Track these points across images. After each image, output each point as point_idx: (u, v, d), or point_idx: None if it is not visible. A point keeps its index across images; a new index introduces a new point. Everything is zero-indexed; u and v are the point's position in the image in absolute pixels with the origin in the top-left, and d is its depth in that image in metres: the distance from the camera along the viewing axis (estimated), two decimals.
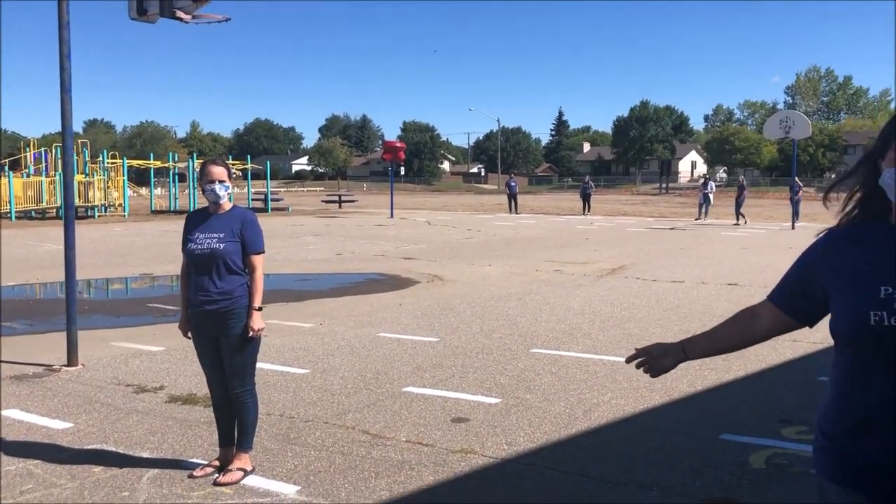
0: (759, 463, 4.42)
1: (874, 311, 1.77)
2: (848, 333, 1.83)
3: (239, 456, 4.26)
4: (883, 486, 1.82)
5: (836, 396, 1.93)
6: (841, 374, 1.91)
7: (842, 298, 1.85)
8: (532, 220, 29.61)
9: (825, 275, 1.92)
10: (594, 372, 6.57)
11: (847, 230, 1.94)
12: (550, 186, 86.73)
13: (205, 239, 4.21)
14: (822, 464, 1.96)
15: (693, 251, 17.28)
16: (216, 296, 4.17)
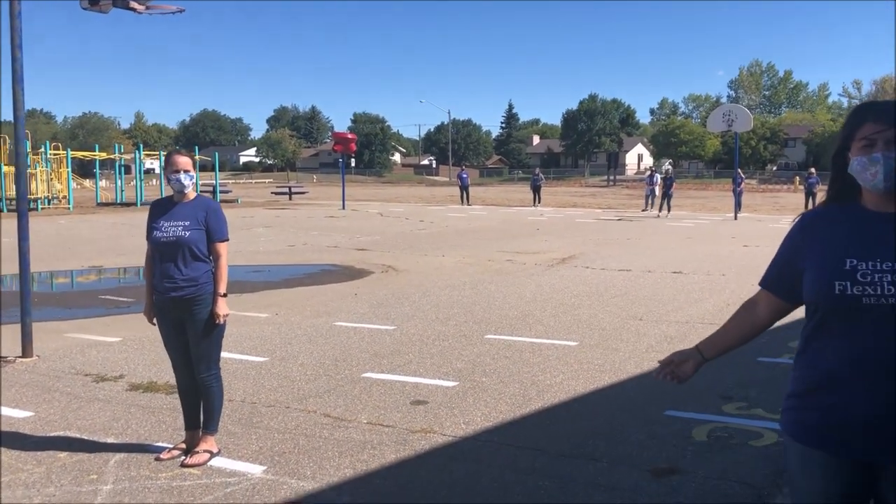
0: (701, 436, 4.70)
1: (838, 281, 1.99)
2: (816, 301, 2.06)
3: (205, 438, 4.37)
4: (845, 445, 2.03)
5: (802, 362, 2.15)
6: (806, 340, 2.13)
7: (813, 270, 2.07)
8: (484, 212, 29.92)
9: (804, 245, 2.14)
10: (547, 356, 6.81)
11: (822, 211, 2.18)
12: (501, 178, 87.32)
13: (170, 227, 4.29)
14: (788, 422, 2.17)
15: (640, 241, 17.74)
16: (182, 282, 4.25)
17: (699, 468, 4.19)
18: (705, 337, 2.42)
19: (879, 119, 2.01)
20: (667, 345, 7.19)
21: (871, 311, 1.95)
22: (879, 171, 1.99)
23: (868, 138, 2.01)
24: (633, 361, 6.57)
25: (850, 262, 1.99)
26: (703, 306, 9.23)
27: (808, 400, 2.09)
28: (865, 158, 2.01)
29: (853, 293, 1.96)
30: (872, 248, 1.99)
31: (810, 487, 2.12)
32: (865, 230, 2.04)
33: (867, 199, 2.09)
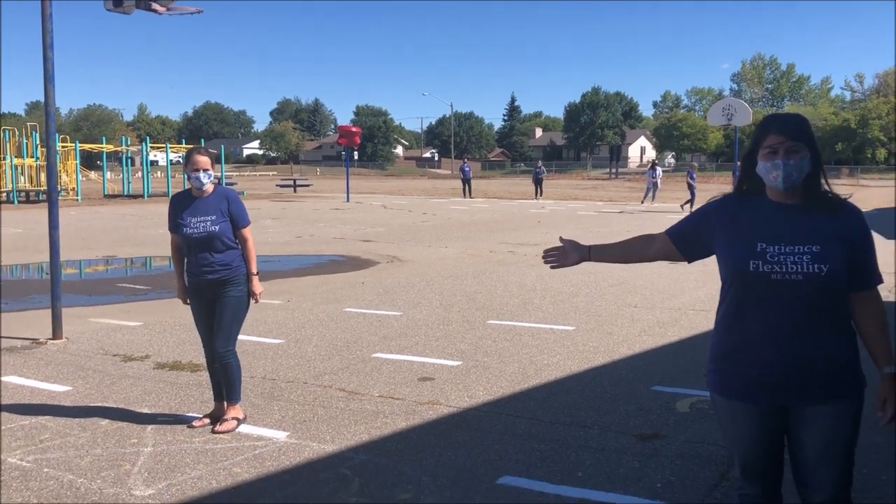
0: (684, 407, 5.15)
1: (752, 260, 2.48)
2: (733, 277, 2.54)
3: (231, 407, 4.81)
4: (764, 395, 2.52)
5: (722, 329, 2.63)
6: (725, 311, 2.61)
7: (729, 249, 2.55)
8: (486, 205, 30.34)
9: (717, 223, 2.63)
10: (545, 339, 7.25)
11: (737, 198, 2.66)
12: (503, 171, 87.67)
13: (199, 223, 4.68)
14: (713, 383, 2.66)
15: (640, 233, 18.10)
16: (218, 266, 4.70)
17: (680, 434, 4.64)
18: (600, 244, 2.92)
19: (781, 131, 2.49)
20: (659, 329, 7.64)
21: (779, 286, 2.43)
22: (780, 175, 2.47)
23: (772, 147, 2.48)
24: (626, 344, 7.01)
25: (761, 245, 2.47)
26: (695, 294, 9.67)
27: (731, 361, 2.56)
28: (769, 163, 2.49)
29: (764, 271, 2.44)
30: (778, 234, 2.47)
31: (739, 434, 2.60)
32: (771, 219, 2.52)
33: (770, 193, 2.57)
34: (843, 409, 2.49)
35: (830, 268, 2.42)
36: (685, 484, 3.93)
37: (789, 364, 2.46)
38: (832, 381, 2.48)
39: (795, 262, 2.42)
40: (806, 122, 2.58)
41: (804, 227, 2.48)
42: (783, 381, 2.48)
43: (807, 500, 2.59)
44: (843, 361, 2.49)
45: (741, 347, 2.54)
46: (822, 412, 2.48)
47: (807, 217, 2.51)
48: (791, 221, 2.50)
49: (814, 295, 2.43)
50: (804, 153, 2.48)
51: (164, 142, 56.01)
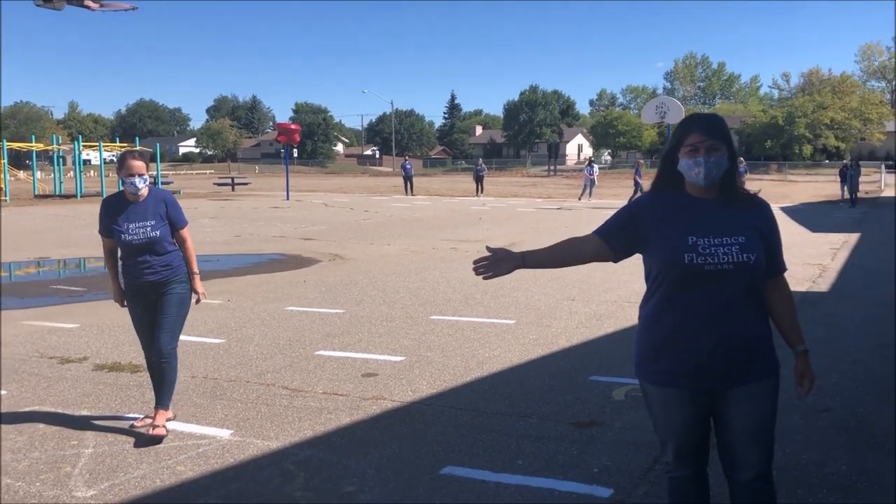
0: (619, 396, 5.34)
1: (686, 253, 2.60)
2: (668, 270, 2.66)
3: (161, 413, 4.62)
4: (695, 380, 2.67)
5: (652, 321, 2.75)
6: (656, 304, 2.73)
7: (662, 244, 2.67)
8: (428, 202, 30.44)
9: (646, 222, 2.73)
10: (487, 333, 7.38)
11: (662, 195, 2.78)
12: (445, 169, 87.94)
13: (138, 229, 4.60)
14: (645, 374, 2.79)
15: (576, 228, 18.49)
16: (159, 268, 4.64)
17: (616, 421, 4.82)
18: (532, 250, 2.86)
19: (702, 130, 2.63)
20: (595, 321, 7.85)
21: (710, 276, 2.58)
22: (701, 171, 2.62)
23: (693, 145, 2.62)
24: (565, 336, 7.20)
25: (692, 239, 2.60)
26: (630, 287, 9.93)
27: (664, 351, 2.69)
28: (691, 161, 2.63)
29: (698, 263, 2.58)
30: (706, 227, 2.62)
31: (671, 419, 2.75)
32: (697, 213, 2.66)
33: (691, 189, 2.72)
34: (766, 387, 2.67)
35: (756, 256, 2.60)
36: (621, 468, 4.09)
37: (720, 349, 2.61)
38: (756, 362, 2.66)
39: (726, 253, 2.57)
40: (724, 122, 2.74)
41: (727, 219, 2.64)
42: (714, 366, 2.63)
43: (735, 479, 2.75)
44: (764, 343, 2.67)
45: (674, 337, 2.67)
46: (748, 392, 2.65)
47: (727, 211, 2.67)
48: (715, 215, 2.65)
49: (742, 283, 2.60)
50: (723, 151, 2.64)
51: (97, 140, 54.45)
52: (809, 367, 2.73)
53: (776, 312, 2.75)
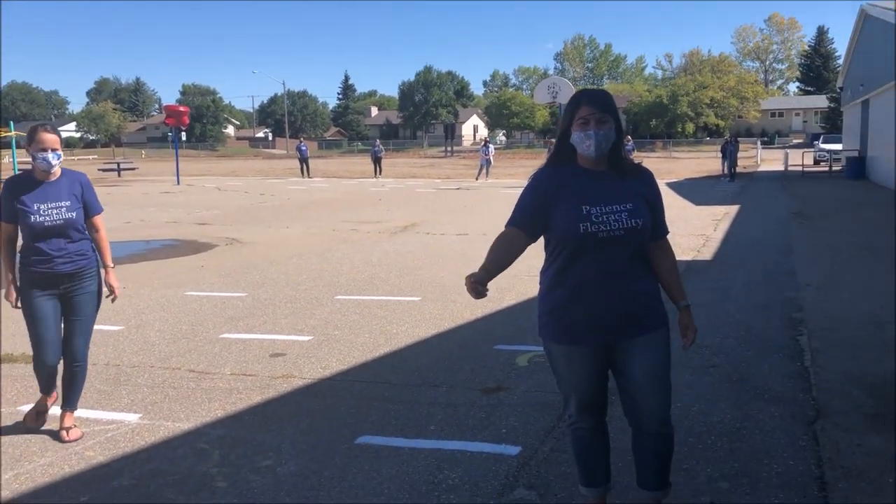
0: (523, 362, 5.58)
1: (582, 223, 2.79)
2: (567, 238, 2.84)
3: (69, 415, 4.34)
4: (594, 336, 2.87)
5: (555, 284, 2.93)
6: (556, 269, 2.91)
7: (561, 215, 2.84)
8: (325, 184, 30.15)
9: (547, 196, 2.90)
10: (393, 310, 7.49)
11: (556, 169, 2.96)
12: (341, 150, 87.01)
13: (51, 209, 4.15)
14: (549, 333, 2.97)
15: (476, 208, 18.84)
16: (74, 256, 4.23)
17: (521, 385, 5.04)
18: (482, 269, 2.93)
19: (592, 104, 2.82)
20: (497, 294, 8.09)
21: (604, 242, 2.79)
22: (592, 143, 2.82)
23: (584, 118, 2.81)
24: (469, 310, 7.39)
25: (586, 209, 2.80)
26: (529, 262, 10.12)
27: (564, 311, 2.89)
28: (583, 133, 2.83)
29: (592, 231, 2.78)
30: (598, 197, 2.82)
31: (573, 374, 2.95)
32: (589, 184, 2.86)
33: (583, 161, 2.91)
34: (658, 337, 2.92)
35: (643, 221, 2.83)
36: (526, 428, 4.31)
37: (616, 306, 2.84)
38: (648, 314, 2.90)
39: (616, 220, 2.79)
40: (611, 97, 2.94)
41: (616, 189, 2.85)
42: (612, 321, 2.85)
43: (639, 427, 2.99)
44: (653, 298, 2.92)
45: (574, 298, 2.86)
46: (644, 342, 2.89)
47: (616, 180, 2.88)
48: (605, 185, 2.86)
49: (632, 246, 2.83)
50: (611, 124, 2.84)
51: None
52: (691, 320, 3.01)
53: (661, 271, 3.00)
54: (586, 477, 3.14)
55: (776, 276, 8.81)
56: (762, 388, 4.91)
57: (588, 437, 3.08)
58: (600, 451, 3.11)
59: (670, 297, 3.02)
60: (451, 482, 3.64)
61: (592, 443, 3.09)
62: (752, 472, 3.68)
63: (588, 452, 3.10)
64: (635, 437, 3.05)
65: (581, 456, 3.12)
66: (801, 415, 4.43)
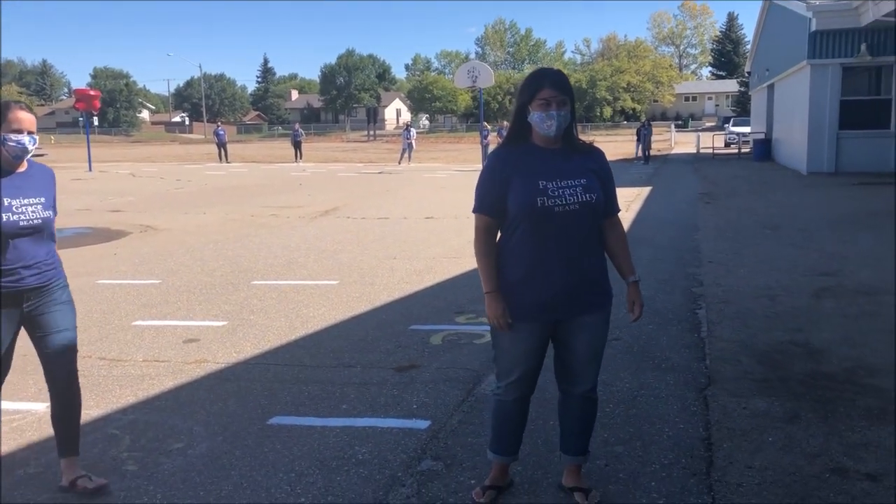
0: (437, 341, 5.72)
1: (538, 197, 2.90)
2: (524, 213, 2.92)
3: (74, 462, 3.62)
4: (545, 312, 2.98)
5: (511, 261, 3.01)
6: (514, 244, 2.99)
7: (519, 190, 2.93)
8: (244, 169, 29.63)
9: (506, 173, 2.98)
10: (310, 294, 7.52)
11: (511, 148, 3.05)
12: (261, 135, 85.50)
13: (25, 206, 3.35)
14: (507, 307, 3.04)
15: (398, 192, 18.90)
16: (45, 266, 3.43)
17: (433, 362, 5.18)
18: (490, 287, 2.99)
19: (553, 86, 2.92)
20: (416, 276, 8.22)
21: (560, 217, 2.90)
22: (553, 124, 2.93)
23: (546, 99, 2.92)
24: (387, 292, 7.49)
25: (542, 184, 2.91)
26: (449, 244, 10.42)
27: (520, 286, 2.97)
28: (544, 114, 2.93)
29: (548, 205, 2.89)
30: (553, 172, 2.93)
31: (517, 350, 3.04)
32: (545, 160, 2.97)
33: (539, 140, 3.02)
34: (603, 315, 3.08)
35: (597, 196, 2.96)
36: (437, 403, 4.45)
37: (572, 282, 2.96)
38: (597, 293, 3.05)
39: (572, 195, 2.91)
40: (568, 79, 3.04)
41: (571, 165, 2.98)
42: (563, 301, 2.97)
43: (571, 392, 3.16)
44: (603, 276, 3.07)
45: (531, 274, 2.95)
46: (591, 320, 3.03)
47: (570, 157, 3.01)
48: (561, 162, 2.97)
49: (587, 220, 2.95)
50: (568, 105, 2.96)
51: None
52: (639, 295, 3.14)
53: (613, 248, 3.14)
54: (499, 445, 3.25)
55: (681, 254, 9.22)
56: (660, 359, 5.18)
57: (511, 408, 3.18)
58: (520, 423, 3.24)
59: (620, 272, 3.15)
60: (360, 457, 3.75)
61: (514, 414, 3.20)
62: (645, 436, 3.91)
63: (508, 423, 3.20)
64: (564, 401, 3.22)
65: (499, 426, 3.22)
66: (693, 382, 4.71)
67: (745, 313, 6.30)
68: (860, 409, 4.18)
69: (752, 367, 4.97)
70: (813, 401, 4.33)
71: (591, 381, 3.15)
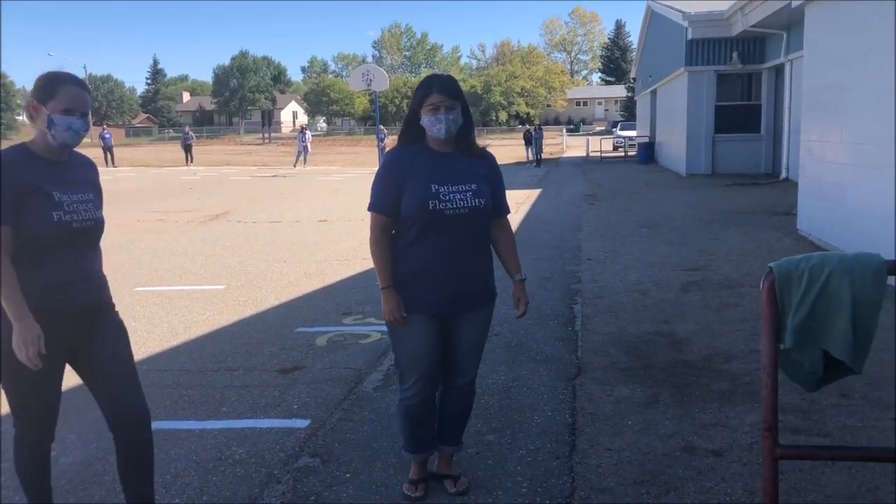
0: (322, 342, 5.78)
1: (430, 200, 3.01)
2: (416, 215, 3.03)
3: None
4: (439, 307, 3.10)
5: (405, 258, 3.11)
6: (407, 243, 3.10)
7: (412, 192, 3.04)
8: (132, 173, 28.61)
9: (402, 174, 3.09)
10: (196, 299, 7.42)
11: (406, 149, 3.16)
12: (151, 138, 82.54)
13: (79, 204, 2.74)
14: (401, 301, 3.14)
15: (292, 195, 18.73)
16: (96, 280, 2.87)
17: (317, 363, 5.25)
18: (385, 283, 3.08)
19: (442, 91, 3.05)
20: (304, 279, 8.24)
21: (450, 219, 3.04)
22: (442, 127, 3.06)
23: (435, 104, 3.04)
24: (274, 295, 7.49)
25: (434, 187, 3.03)
26: (340, 246, 10.47)
27: (412, 283, 3.09)
28: (433, 118, 3.06)
29: (439, 208, 3.02)
30: (445, 177, 3.06)
31: (417, 345, 3.13)
32: (438, 164, 3.10)
33: (432, 143, 3.15)
34: (487, 311, 3.25)
35: (486, 201, 3.11)
36: (318, 402, 4.53)
37: (459, 281, 3.11)
38: (483, 291, 3.21)
39: (462, 199, 3.04)
40: (458, 83, 3.18)
41: (463, 169, 3.11)
42: (454, 295, 3.11)
43: (452, 384, 3.29)
44: (489, 275, 3.23)
45: (422, 271, 3.08)
46: (476, 316, 3.19)
47: (462, 161, 3.14)
48: (452, 166, 3.10)
49: (475, 224, 3.11)
50: (458, 109, 3.09)
51: None
52: (525, 293, 3.31)
53: (501, 248, 3.31)
54: (413, 444, 3.34)
55: (563, 252, 9.61)
56: (535, 352, 5.44)
57: (419, 410, 3.24)
58: (429, 421, 3.33)
59: (507, 270, 3.32)
60: (237, 457, 3.79)
61: (423, 415, 3.27)
62: (515, 425, 4.12)
63: (417, 423, 3.28)
64: (444, 393, 3.35)
65: (410, 427, 3.29)
66: (564, 372, 4.98)
67: (617, 307, 6.67)
68: (713, 393, 4.53)
69: (620, 357, 5.28)
70: (671, 386, 4.65)
71: (472, 374, 3.31)
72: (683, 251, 9.38)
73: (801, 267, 2.24)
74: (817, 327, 2.23)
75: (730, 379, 4.79)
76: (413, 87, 65.66)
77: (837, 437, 3.82)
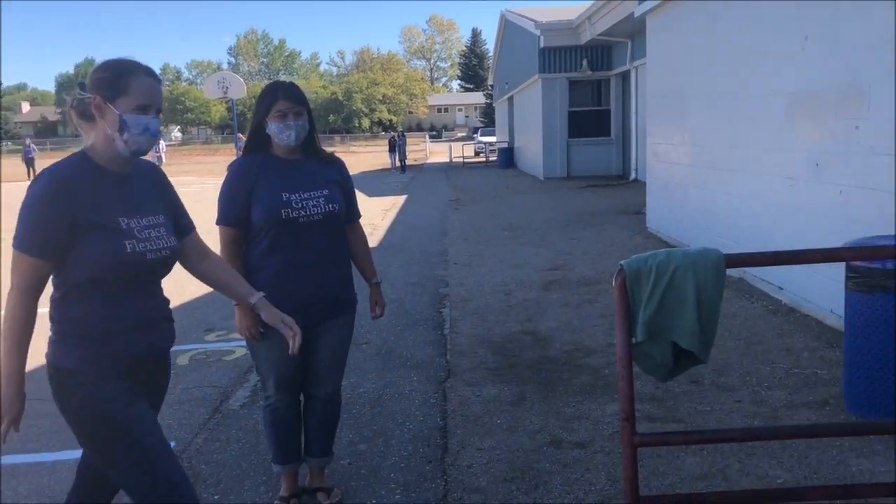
0: (184, 361, 5.56)
1: (283, 209, 2.94)
2: (269, 224, 2.95)
3: None
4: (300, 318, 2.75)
5: (256, 268, 3.02)
6: (261, 252, 3.01)
7: (263, 202, 2.96)
8: None
9: (249, 183, 2.98)
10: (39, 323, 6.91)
11: (252, 158, 3.06)
12: None
13: (149, 230, 2.28)
14: None
15: None
16: (167, 322, 2.49)
17: (179, 384, 5.03)
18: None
19: (288, 98, 3.00)
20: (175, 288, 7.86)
21: (304, 227, 2.98)
22: (291, 133, 2.99)
23: (282, 111, 2.98)
24: None
25: (286, 196, 2.97)
26: None
27: (269, 294, 2.84)
28: (282, 124, 2.99)
29: (293, 217, 2.97)
30: (296, 184, 3.00)
31: (274, 355, 3.05)
32: (287, 172, 3.03)
33: (279, 151, 3.08)
34: (348, 319, 3.22)
35: (339, 206, 3.07)
36: (182, 423, 4.35)
37: (316, 291, 3.04)
38: (343, 300, 3.17)
39: (315, 206, 2.99)
40: (301, 90, 3.12)
41: (313, 176, 3.06)
42: (312, 305, 3.04)
43: (314, 394, 3.24)
44: (348, 283, 3.20)
45: (278, 282, 2.97)
46: (335, 324, 3.15)
47: (311, 168, 3.08)
48: (301, 172, 3.04)
49: (330, 229, 3.06)
50: (305, 115, 3.03)
51: None
52: (381, 295, 3.37)
53: (355, 252, 3.30)
54: (281, 454, 3.28)
55: (430, 257, 9.71)
56: (406, 357, 5.47)
57: (283, 415, 3.21)
58: (295, 428, 3.28)
59: (363, 275, 3.33)
60: None
61: (287, 420, 3.23)
62: (387, 432, 4.13)
63: (283, 431, 3.23)
64: (306, 404, 3.29)
65: (276, 435, 3.24)
66: (435, 376, 5.03)
67: (484, 309, 6.81)
68: (575, 387, 4.72)
69: (487, 357, 5.40)
70: (537, 383, 4.81)
71: (334, 384, 3.28)
72: (544, 252, 9.71)
73: (649, 264, 2.38)
74: (666, 320, 2.37)
75: (590, 373, 5.00)
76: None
77: (690, 422, 4.07)
